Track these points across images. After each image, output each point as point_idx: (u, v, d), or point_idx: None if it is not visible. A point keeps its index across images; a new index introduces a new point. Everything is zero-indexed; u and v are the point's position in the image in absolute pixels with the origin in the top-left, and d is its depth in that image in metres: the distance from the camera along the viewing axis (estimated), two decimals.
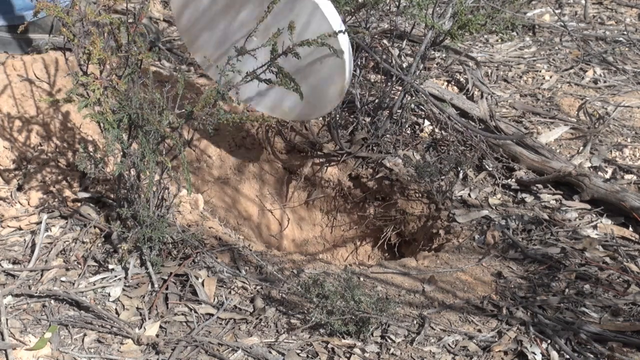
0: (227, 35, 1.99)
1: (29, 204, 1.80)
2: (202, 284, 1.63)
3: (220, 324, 1.54)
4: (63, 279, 1.60)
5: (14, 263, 1.65)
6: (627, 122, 2.42)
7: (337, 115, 2.24)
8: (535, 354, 1.47)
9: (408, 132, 2.38)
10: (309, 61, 1.87)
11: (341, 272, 1.73)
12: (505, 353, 1.49)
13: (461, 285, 1.73)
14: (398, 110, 2.28)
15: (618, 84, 2.66)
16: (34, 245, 1.68)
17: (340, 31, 1.71)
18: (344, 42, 1.80)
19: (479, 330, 1.56)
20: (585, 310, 1.61)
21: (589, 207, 2.02)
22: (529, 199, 2.08)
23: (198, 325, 1.52)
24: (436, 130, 2.37)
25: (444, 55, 2.73)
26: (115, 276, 1.63)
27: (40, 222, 1.73)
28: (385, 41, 2.48)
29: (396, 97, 2.25)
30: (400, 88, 2.27)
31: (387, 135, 2.30)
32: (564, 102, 2.54)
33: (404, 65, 2.43)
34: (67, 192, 1.83)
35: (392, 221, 2.29)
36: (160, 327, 1.51)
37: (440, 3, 2.17)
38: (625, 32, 3.06)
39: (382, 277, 1.76)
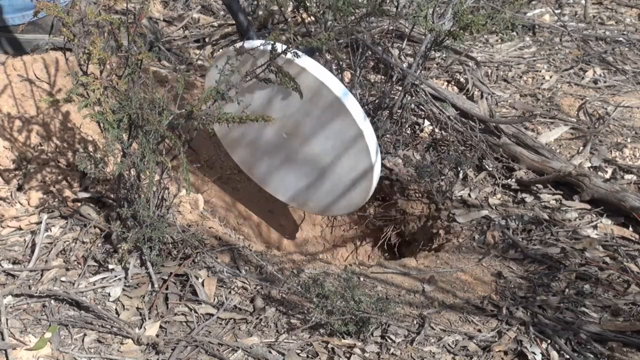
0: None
1: (29, 204, 1.80)
2: (202, 284, 1.63)
3: (220, 324, 1.54)
4: (63, 279, 1.60)
5: (14, 263, 1.65)
6: (627, 122, 2.42)
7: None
8: (535, 354, 1.47)
9: (408, 132, 2.38)
10: (336, 163, 1.95)
11: (341, 272, 1.74)
12: (505, 353, 1.49)
13: (461, 285, 1.73)
14: (398, 110, 2.28)
15: (618, 84, 2.66)
16: (34, 245, 1.68)
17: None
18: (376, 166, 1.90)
19: (479, 330, 1.56)
20: (585, 310, 1.61)
21: (589, 207, 2.02)
22: (529, 199, 2.08)
23: (198, 325, 1.52)
24: (436, 130, 2.37)
25: (444, 55, 2.73)
26: (115, 276, 1.63)
27: (40, 222, 1.73)
28: (385, 41, 2.48)
29: (396, 97, 2.25)
30: (400, 88, 2.27)
31: (387, 135, 2.30)
32: (564, 102, 2.54)
33: (404, 65, 2.43)
34: (67, 192, 1.83)
35: (392, 221, 2.28)
36: (160, 327, 1.51)
37: (440, 3, 2.17)
38: (625, 32, 3.06)
39: (382, 277, 1.76)
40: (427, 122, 2.41)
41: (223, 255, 1.75)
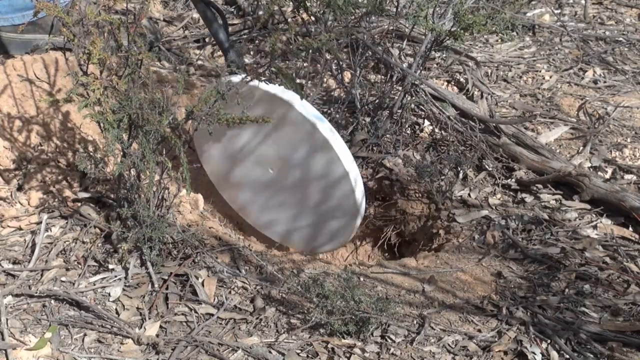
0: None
1: (29, 204, 1.80)
2: (202, 284, 1.63)
3: (220, 324, 1.54)
4: (63, 279, 1.61)
5: (14, 263, 1.65)
6: (627, 122, 2.42)
7: (337, 115, 2.24)
8: (535, 354, 1.48)
9: (408, 132, 2.38)
10: (322, 198, 1.96)
11: (341, 272, 1.73)
12: (505, 353, 1.49)
13: (461, 285, 1.73)
14: (398, 110, 2.28)
15: (618, 84, 2.66)
16: (34, 245, 1.68)
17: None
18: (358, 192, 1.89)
19: (479, 330, 1.56)
20: (585, 310, 1.61)
21: (589, 207, 2.02)
22: (529, 199, 2.08)
23: (198, 325, 1.52)
24: (436, 130, 2.37)
25: (444, 55, 2.73)
26: (115, 276, 1.63)
27: (40, 222, 1.73)
28: (385, 41, 2.48)
29: (396, 97, 2.25)
30: (400, 88, 2.27)
31: (387, 135, 2.30)
32: (564, 102, 2.54)
33: (404, 65, 2.43)
34: (67, 192, 1.83)
35: (392, 221, 2.28)
36: (160, 327, 1.51)
37: (440, 3, 2.17)
38: (625, 32, 3.06)
39: (382, 277, 1.76)
40: (427, 122, 2.41)
41: (223, 255, 1.75)
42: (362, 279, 1.74)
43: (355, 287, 1.52)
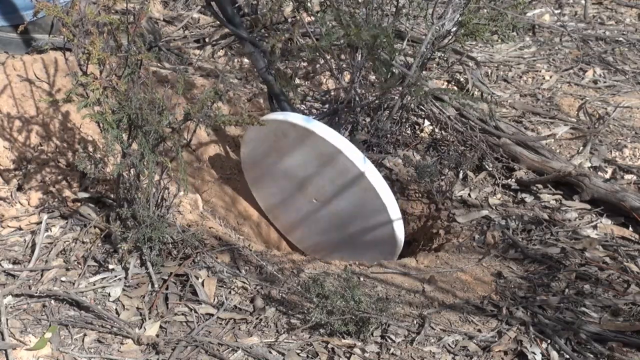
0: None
1: (29, 204, 1.80)
2: (202, 284, 1.63)
3: (220, 324, 1.54)
4: (63, 279, 1.61)
5: (14, 263, 1.65)
6: (627, 122, 2.42)
7: (337, 115, 2.24)
8: (535, 354, 1.47)
9: (408, 132, 2.38)
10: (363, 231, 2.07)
11: (341, 272, 1.73)
12: (505, 353, 1.49)
13: (461, 285, 1.73)
14: (398, 111, 2.28)
15: (618, 84, 2.66)
16: (34, 245, 1.68)
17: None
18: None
19: (479, 330, 1.56)
20: (585, 310, 1.61)
21: (589, 207, 2.02)
22: (529, 199, 2.08)
23: (198, 325, 1.52)
24: (436, 130, 2.37)
25: (444, 55, 2.73)
26: (115, 276, 1.63)
27: (40, 222, 1.73)
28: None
29: (396, 97, 2.25)
30: (400, 88, 2.27)
31: (387, 135, 2.30)
32: (564, 102, 2.54)
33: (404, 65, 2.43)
34: (67, 192, 1.83)
35: None
36: (160, 327, 1.51)
37: (440, 3, 2.17)
38: (625, 32, 3.06)
39: (382, 277, 1.76)
40: (427, 122, 2.41)
41: (223, 255, 1.75)
42: (362, 279, 1.74)
43: (355, 287, 1.52)
